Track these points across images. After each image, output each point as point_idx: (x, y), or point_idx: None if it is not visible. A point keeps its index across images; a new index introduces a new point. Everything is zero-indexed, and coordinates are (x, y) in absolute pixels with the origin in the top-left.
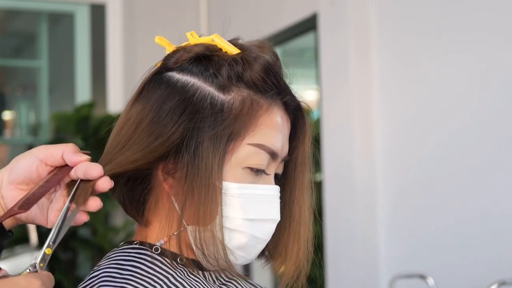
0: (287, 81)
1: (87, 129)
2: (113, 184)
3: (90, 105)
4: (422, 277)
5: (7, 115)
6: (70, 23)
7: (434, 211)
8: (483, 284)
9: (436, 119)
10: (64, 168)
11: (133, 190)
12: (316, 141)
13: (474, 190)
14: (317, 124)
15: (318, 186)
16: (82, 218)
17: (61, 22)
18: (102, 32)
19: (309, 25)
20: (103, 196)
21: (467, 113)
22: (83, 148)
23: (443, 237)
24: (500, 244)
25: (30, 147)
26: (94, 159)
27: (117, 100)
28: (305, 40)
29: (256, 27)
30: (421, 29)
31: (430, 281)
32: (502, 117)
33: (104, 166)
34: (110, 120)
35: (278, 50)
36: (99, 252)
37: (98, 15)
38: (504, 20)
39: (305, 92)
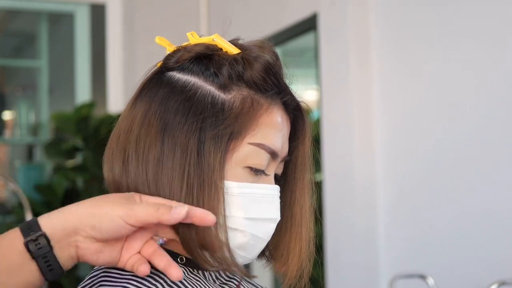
0: (287, 81)
1: (87, 129)
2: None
3: (90, 105)
4: (422, 277)
5: (7, 115)
6: (70, 23)
7: (434, 210)
8: (483, 284)
9: (436, 119)
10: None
11: None
12: (316, 141)
13: (474, 190)
14: (317, 124)
15: (318, 186)
16: (146, 270)
17: (61, 22)
18: (102, 32)
19: (309, 25)
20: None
21: (467, 113)
22: (83, 148)
23: (443, 237)
24: (500, 243)
25: (30, 147)
26: (94, 159)
27: (117, 100)
28: (305, 40)
29: (256, 27)
30: (420, 29)
31: (430, 281)
32: (502, 117)
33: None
34: (110, 120)
35: (278, 50)
36: None
37: (98, 15)
38: (503, 23)
39: (305, 92)
